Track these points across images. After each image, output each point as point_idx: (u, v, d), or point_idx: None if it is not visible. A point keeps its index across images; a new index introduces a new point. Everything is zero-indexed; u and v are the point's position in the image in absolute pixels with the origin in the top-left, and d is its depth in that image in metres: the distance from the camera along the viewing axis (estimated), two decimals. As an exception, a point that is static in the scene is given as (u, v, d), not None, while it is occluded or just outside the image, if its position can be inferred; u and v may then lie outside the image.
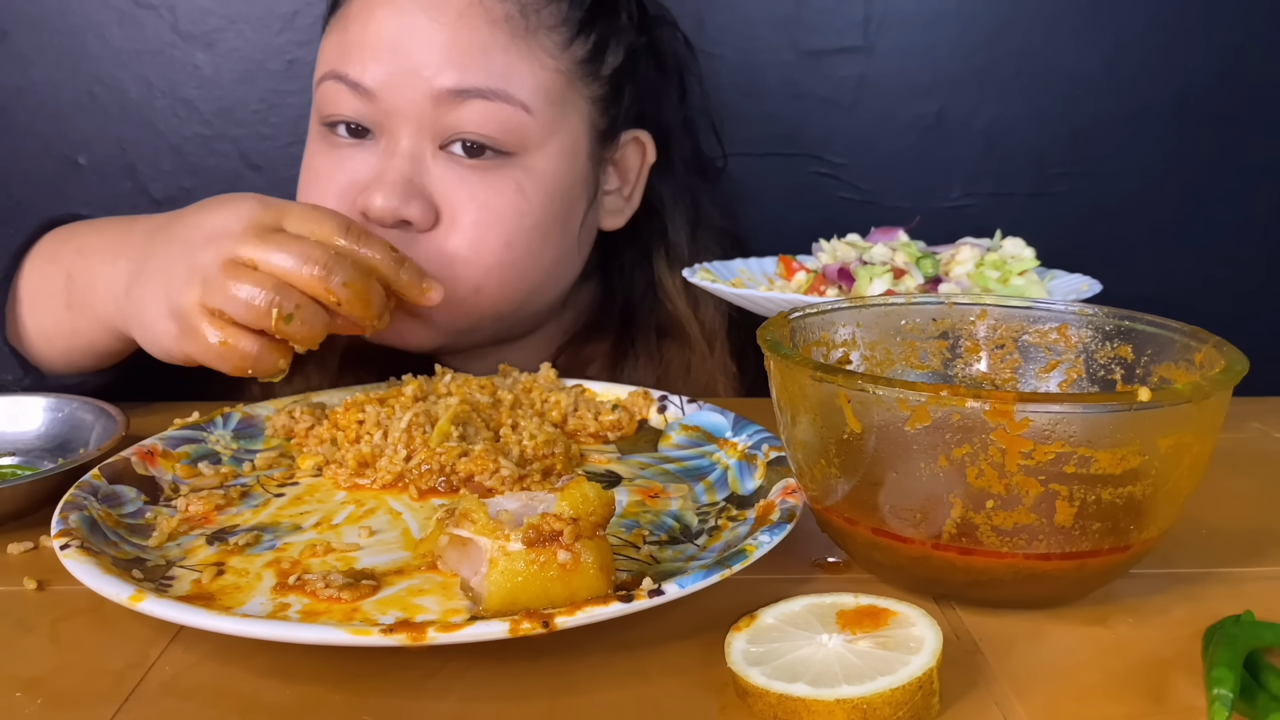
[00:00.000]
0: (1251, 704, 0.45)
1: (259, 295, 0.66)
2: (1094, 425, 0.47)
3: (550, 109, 0.83)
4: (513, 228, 0.83)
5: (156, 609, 0.47)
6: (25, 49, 1.22)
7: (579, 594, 0.48)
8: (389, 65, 0.81)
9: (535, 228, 0.84)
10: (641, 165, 0.95)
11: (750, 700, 0.44)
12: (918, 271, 0.87)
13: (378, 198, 0.80)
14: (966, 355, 0.66)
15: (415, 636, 0.44)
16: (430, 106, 0.80)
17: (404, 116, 0.81)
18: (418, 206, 0.81)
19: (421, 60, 0.80)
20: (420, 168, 0.82)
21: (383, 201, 0.80)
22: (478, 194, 0.82)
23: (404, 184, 0.81)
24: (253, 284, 0.66)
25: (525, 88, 0.82)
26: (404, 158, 0.82)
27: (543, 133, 0.83)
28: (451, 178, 0.82)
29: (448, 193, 0.82)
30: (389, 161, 0.82)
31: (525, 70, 0.82)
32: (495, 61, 0.81)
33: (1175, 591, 0.56)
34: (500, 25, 0.81)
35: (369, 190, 0.81)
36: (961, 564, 0.50)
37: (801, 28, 1.25)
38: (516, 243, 0.83)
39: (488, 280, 0.83)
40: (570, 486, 0.50)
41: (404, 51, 0.80)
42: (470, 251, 0.82)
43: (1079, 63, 1.27)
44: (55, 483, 0.61)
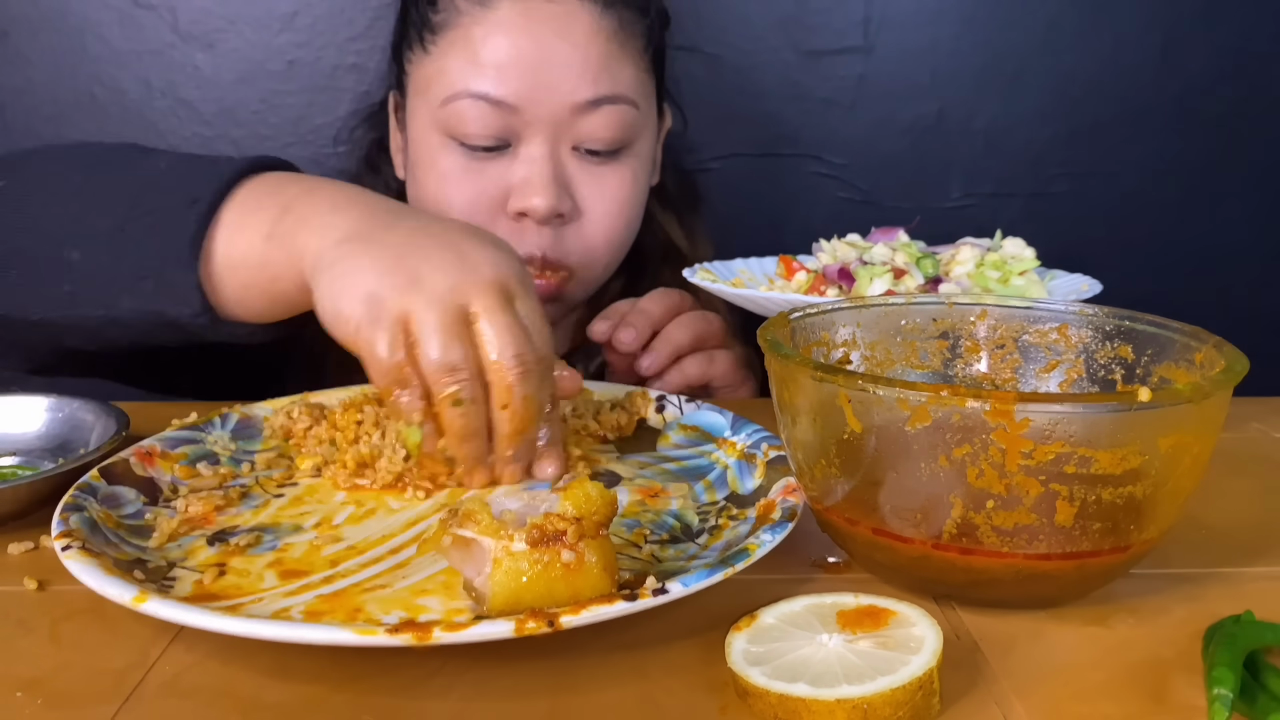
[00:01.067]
0: (1251, 704, 0.45)
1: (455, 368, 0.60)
2: (1094, 425, 0.48)
3: (645, 101, 0.97)
4: (632, 211, 0.98)
5: (160, 610, 0.47)
6: (25, 49, 1.22)
7: (583, 593, 0.48)
8: (530, 82, 0.91)
9: (642, 204, 1.01)
10: (664, 131, 1.08)
11: (750, 700, 0.44)
12: (918, 271, 0.87)
13: (537, 198, 0.91)
14: (967, 355, 0.66)
15: (421, 636, 0.44)
16: (568, 115, 0.92)
17: (543, 125, 0.92)
18: (568, 201, 0.94)
19: (560, 75, 0.91)
20: (560, 167, 0.94)
21: (542, 201, 0.91)
22: (606, 187, 0.95)
23: (555, 183, 0.92)
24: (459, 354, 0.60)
25: (633, 88, 0.95)
26: (546, 160, 0.93)
27: (644, 123, 0.97)
28: (583, 174, 0.95)
29: (581, 187, 0.95)
30: (533, 166, 0.92)
31: (631, 73, 0.94)
32: (614, 71, 0.93)
33: (1175, 591, 0.56)
34: (612, 38, 0.93)
35: (523, 192, 0.92)
36: (962, 564, 0.50)
37: (801, 28, 1.26)
38: (633, 222, 1.00)
39: (614, 257, 0.99)
40: (573, 486, 0.50)
41: (543, 69, 0.90)
42: (605, 237, 0.97)
43: (1079, 63, 1.27)
44: (55, 483, 0.61)
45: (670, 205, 1.11)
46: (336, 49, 1.24)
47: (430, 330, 0.60)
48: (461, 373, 0.60)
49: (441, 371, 0.60)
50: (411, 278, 0.62)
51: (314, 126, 1.25)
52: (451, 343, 0.60)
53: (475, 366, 0.61)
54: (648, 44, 0.97)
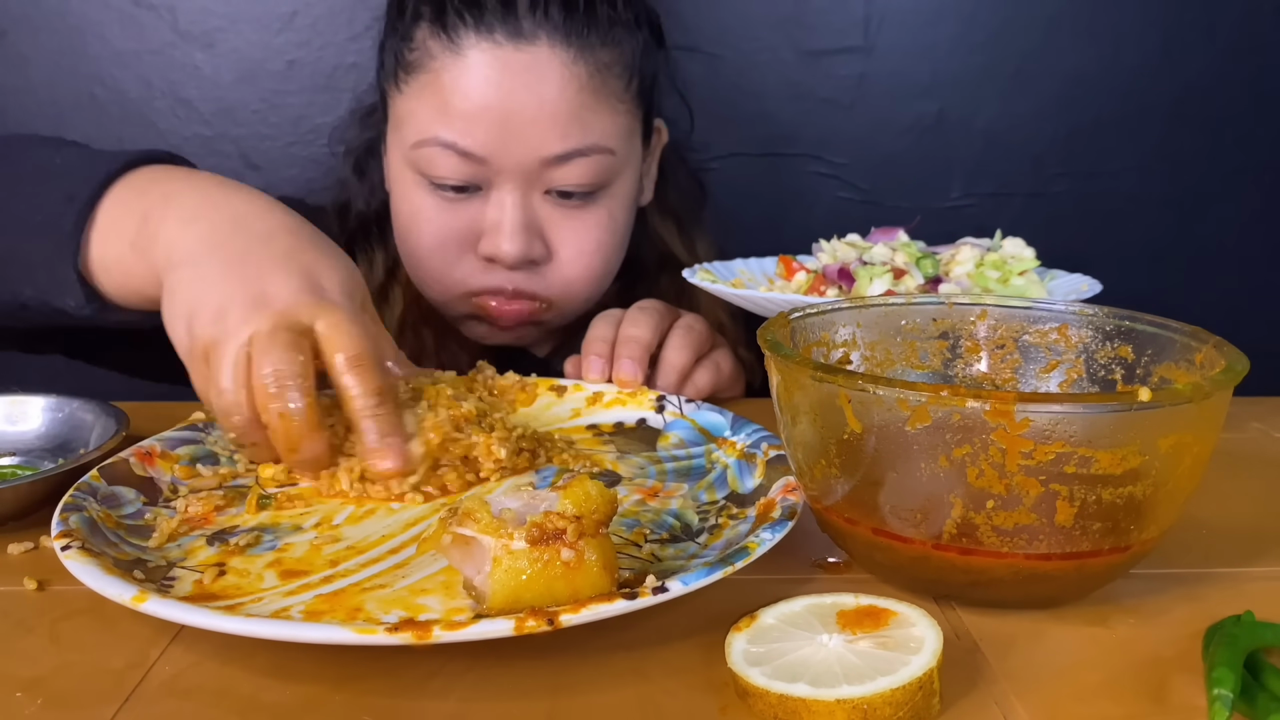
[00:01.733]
0: (1251, 704, 0.45)
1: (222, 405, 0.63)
2: (1094, 425, 0.48)
3: (626, 144, 0.96)
4: (609, 248, 0.98)
5: (160, 609, 0.47)
6: (25, 49, 1.22)
7: (583, 592, 0.48)
8: (498, 135, 0.90)
9: (622, 238, 1.00)
10: (658, 146, 1.06)
11: (750, 700, 0.44)
12: (918, 271, 0.87)
13: (506, 244, 0.92)
14: (967, 355, 0.66)
15: (421, 635, 0.44)
16: (537, 167, 0.91)
17: (511, 174, 0.91)
18: (539, 245, 0.94)
19: (528, 130, 0.89)
20: (531, 212, 0.93)
21: (511, 247, 0.92)
22: (580, 229, 0.95)
23: (524, 229, 0.92)
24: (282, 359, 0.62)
25: (609, 135, 0.93)
26: (516, 207, 0.92)
27: (622, 165, 0.96)
28: (556, 217, 0.94)
29: (554, 230, 0.95)
30: (503, 212, 0.92)
31: (608, 121, 0.93)
32: (587, 121, 0.91)
33: (1175, 591, 0.56)
34: (585, 88, 0.91)
35: (493, 238, 0.93)
36: (962, 564, 0.50)
37: (801, 28, 1.25)
38: (612, 256, 0.99)
39: (595, 290, 0.99)
40: (573, 484, 0.50)
41: (511, 124, 0.89)
42: (582, 275, 0.97)
43: (1079, 63, 1.27)
44: (55, 483, 0.61)
45: (670, 213, 1.10)
46: (336, 49, 1.24)
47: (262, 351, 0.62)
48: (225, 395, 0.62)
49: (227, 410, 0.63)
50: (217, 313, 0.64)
51: (314, 126, 1.25)
52: (276, 351, 0.61)
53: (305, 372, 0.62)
54: (631, 79, 0.95)
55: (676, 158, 1.12)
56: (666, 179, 1.09)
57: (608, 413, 0.78)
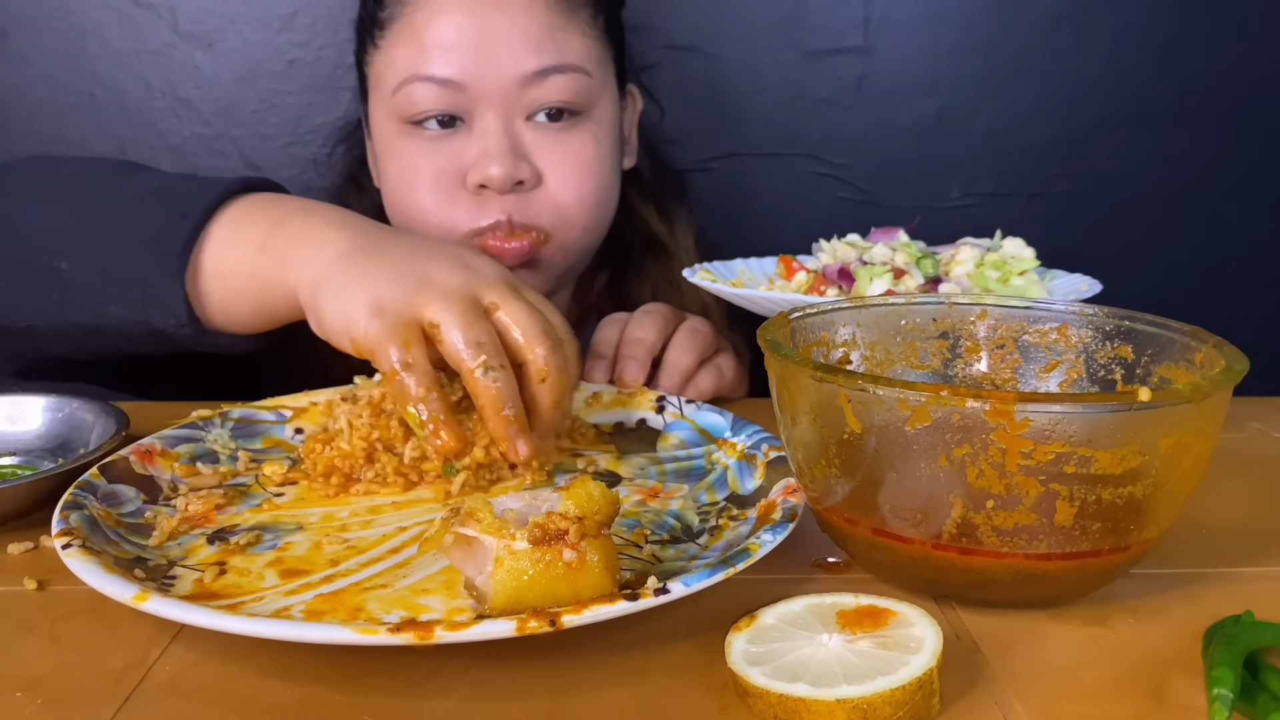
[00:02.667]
0: (1251, 704, 0.45)
1: (481, 340, 0.64)
2: (1094, 425, 0.48)
3: (600, 70, 0.97)
4: (599, 171, 0.97)
5: (161, 609, 0.47)
6: (25, 49, 1.22)
7: (584, 593, 0.48)
8: (474, 59, 0.91)
9: (612, 168, 1.00)
10: (634, 113, 1.08)
11: (750, 700, 0.44)
12: (918, 271, 0.87)
13: (493, 167, 0.91)
14: (966, 355, 0.66)
15: (423, 635, 0.44)
16: (516, 88, 0.92)
17: (492, 100, 0.92)
18: (526, 168, 0.93)
19: (503, 50, 0.91)
20: (515, 137, 0.93)
21: (498, 169, 0.91)
22: (568, 150, 0.95)
23: (510, 152, 0.92)
24: (485, 330, 0.65)
25: (582, 56, 0.95)
26: (500, 132, 0.93)
27: (600, 90, 0.97)
28: (542, 140, 0.94)
29: (542, 154, 0.94)
30: (487, 139, 0.92)
31: (579, 42, 0.94)
32: (559, 40, 0.93)
33: (1175, 591, 0.56)
34: (554, 8, 0.93)
35: (480, 164, 0.92)
36: (961, 564, 0.50)
37: (801, 28, 1.25)
38: (603, 182, 0.98)
39: (590, 218, 0.97)
40: (575, 485, 0.50)
41: (485, 46, 0.91)
42: (575, 197, 0.95)
43: (1079, 63, 1.27)
44: (55, 483, 0.61)
45: (649, 195, 1.11)
46: (336, 49, 1.24)
47: (451, 317, 0.64)
48: (488, 346, 0.64)
49: (468, 347, 0.64)
50: (421, 281, 0.66)
51: (314, 126, 1.25)
52: (475, 322, 0.65)
53: (498, 339, 0.65)
54: (596, 13, 0.97)
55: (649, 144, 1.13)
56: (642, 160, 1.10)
57: (608, 413, 0.78)
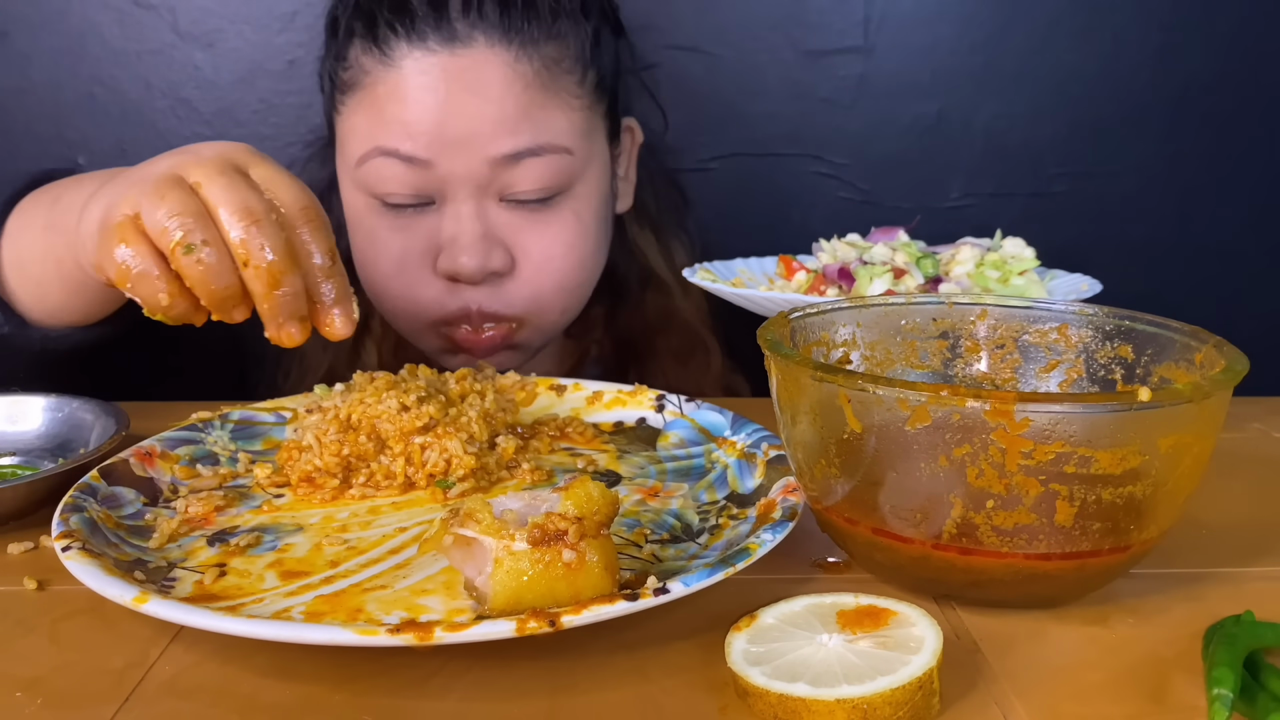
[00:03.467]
0: (1251, 704, 0.45)
1: (175, 213, 0.57)
2: (1094, 425, 0.48)
3: (584, 142, 0.90)
4: (580, 251, 0.92)
5: (161, 610, 0.47)
6: (25, 49, 1.22)
7: (584, 593, 0.48)
8: (440, 138, 0.85)
9: (595, 243, 0.94)
10: (633, 147, 1.01)
11: (750, 700, 0.44)
12: (918, 271, 0.87)
13: (464, 259, 0.87)
14: (966, 355, 0.66)
15: (422, 636, 0.44)
16: (488, 170, 0.86)
17: (462, 181, 0.87)
18: (499, 256, 0.88)
19: (473, 132, 0.85)
20: (488, 222, 0.88)
21: (469, 261, 0.87)
22: (545, 233, 0.90)
23: (482, 240, 0.88)
24: (177, 201, 0.58)
25: (564, 134, 0.88)
26: (472, 217, 0.88)
27: (583, 164, 0.91)
28: (518, 223, 0.89)
29: (517, 237, 0.89)
30: (459, 223, 0.88)
31: (561, 118, 0.88)
32: (537, 119, 0.86)
33: (1175, 591, 0.56)
34: (533, 85, 0.86)
35: (451, 253, 0.88)
36: (961, 564, 0.50)
37: (801, 28, 1.25)
38: (585, 262, 0.93)
39: (570, 300, 0.94)
40: (574, 485, 0.50)
41: (453, 126, 0.85)
42: (552, 284, 0.91)
43: (1079, 63, 1.27)
44: (55, 483, 0.61)
45: (649, 222, 1.06)
46: (336, 49, 1.23)
47: (149, 199, 0.58)
48: (185, 218, 0.57)
49: (165, 222, 0.57)
50: (131, 183, 0.60)
51: (314, 126, 1.24)
52: (167, 195, 0.58)
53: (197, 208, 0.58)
54: (585, 73, 0.90)
55: (654, 163, 1.08)
56: (643, 185, 1.05)
57: (608, 412, 0.78)
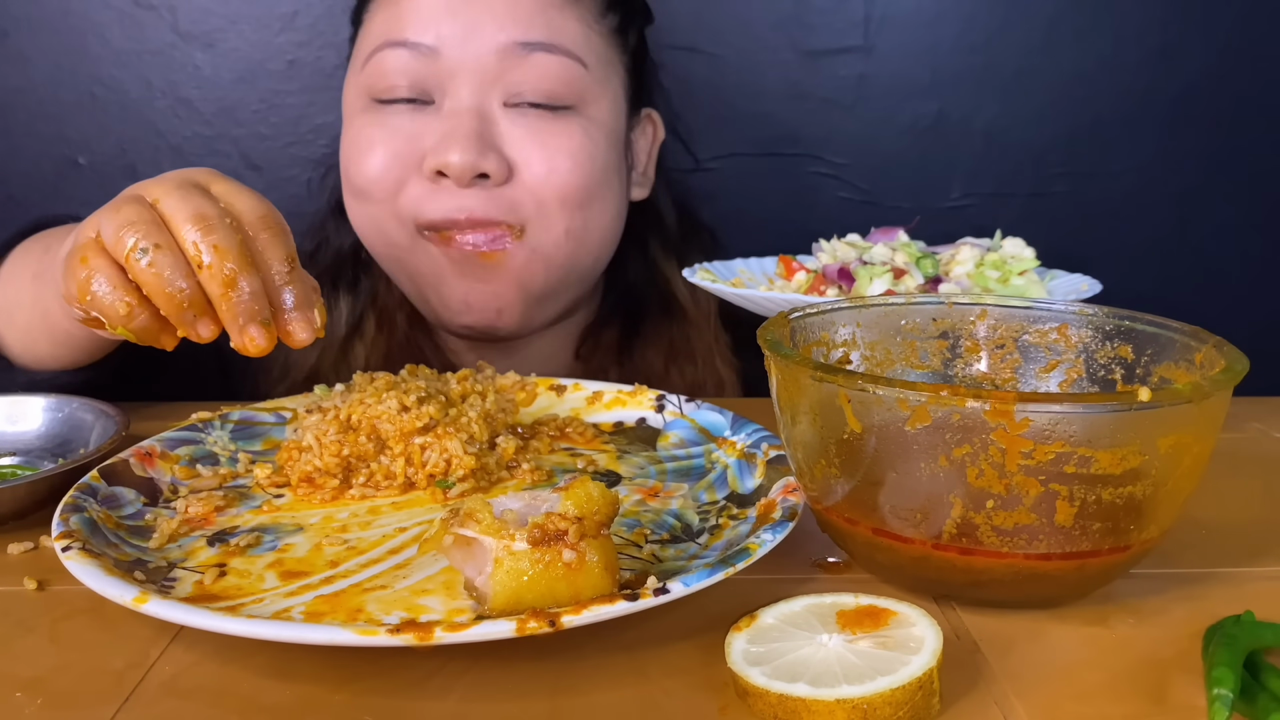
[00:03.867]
0: (1251, 704, 0.45)
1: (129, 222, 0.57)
2: (1094, 425, 0.47)
3: (600, 66, 0.87)
4: (586, 167, 0.86)
5: (162, 611, 0.47)
6: (25, 49, 1.22)
7: (584, 593, 0.48)
8: (452, 25, 0.83)
9: (603, 170, 0.88)
10: (653, 143, 0.99)
11: (750, 700, 0.44)
12: (918, 271, 0.87)
13: (453, 153, 0.81)
14: (966, 355, 0.66)
15: (422, 636, 0.44)
16: (495, 61, 0.83)
17: (468, 73, 0.83)
18: (493, 159, 0.83)
19: (484, 17, 0.83)
20: (488, 124, 0.84)
21: (459, 156, 0.81)
22: (549, 140, 0.84)
23: (476, 137, 0.82)
24: (132, 212, 0.57)
25: (578, 43, 0.85)
26: (471, 114, 0.83)
27: (596, 87, 0.87)
28: (520, 130, 0.84)
29: (519, 144, 0.84)
30: (456, 120, 0.83)
31: (576, 28, 0.85)
32: (552, 18, 0.84)
33: (1175, 591, 0.56)
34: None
35: (440, 148, 0.82)
36: (961, 564, 0.50)
37: (801, 28, 1.25)
38: (591, 182, 0.87)
39: (574, 220, 0.87)
40: (574, 485, 0.50)
41: (469, 13, 0.83)
42: (554, 191, 0.85)
43: (1079, 63, 1.27)
44: (55, 483, 0.61)
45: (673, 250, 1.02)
46: (336, 49, 1.23)
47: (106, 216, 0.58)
48: (138, 226, 0.56)
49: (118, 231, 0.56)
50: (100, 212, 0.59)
51: (314, 126, 1.25)
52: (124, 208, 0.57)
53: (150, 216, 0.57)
54: (608, 8, 0.89)
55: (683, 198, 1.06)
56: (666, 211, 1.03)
57: (607, 413, 0.78)
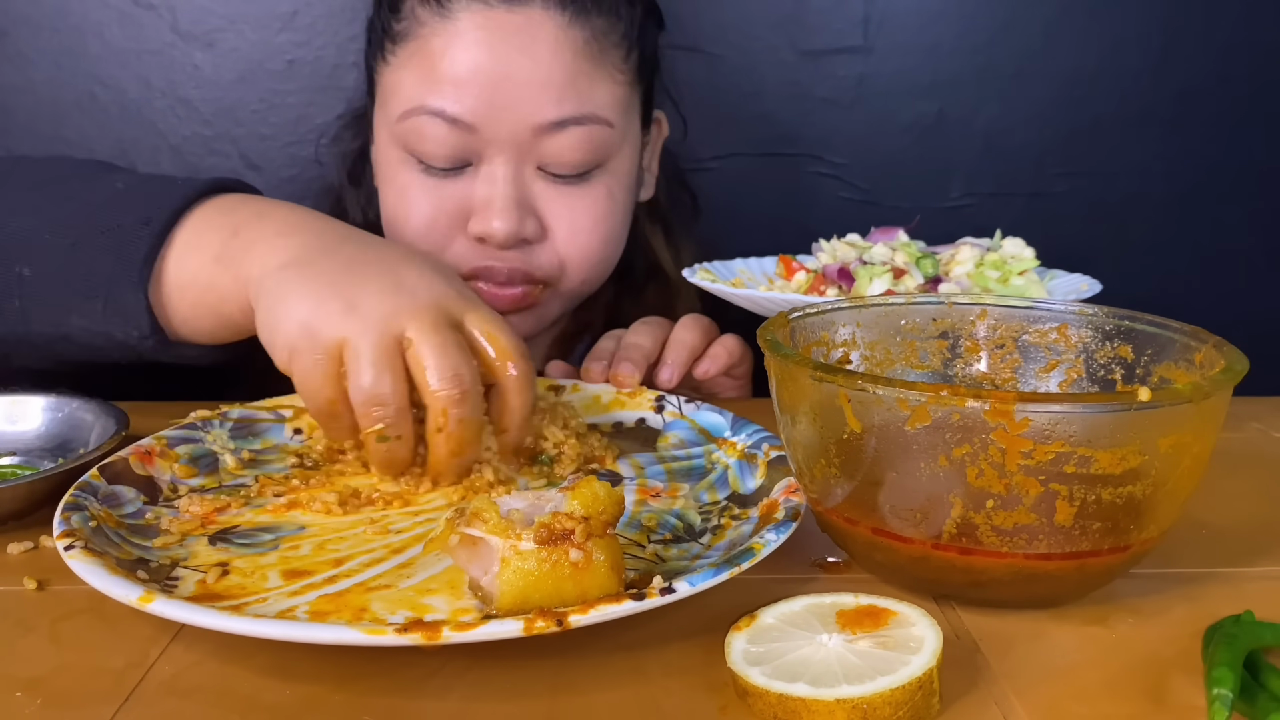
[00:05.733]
0: (1251, 704, 0.45)
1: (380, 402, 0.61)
2: (1094, 425, 0.48)
3: (623, 118, 0.92)
4: (608, 227, 0.93)
5: (166, 610, 0.47)
6: (25, 49, 1.22)
7: (590, 593, 0.48)
8: (489, 100, 0.86)
9: (622, 221, 0.96)
10: (659, 139, 1.03)
11: (750, 700, 0.44)
12: (918, 271, 0.87)
13: (497, 222, 0.87)
14: (966, 355, 0.66)
15: (430, 635, 0.44)
16: (531, 136, 0.87)
17: (503, 145, 0.87)
18: (531, 223, 0.89)
19: (521, 95, 0.86)
20: (523, 189, 0.89)
21: (502, 225, 0.87)
22: (578, 205, 0.91)
23: (516, 206, 0.88)
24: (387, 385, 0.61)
25: (607, 106, 0.89)
26: (508, 182, 0.88)
27: (620, 140, 0.92)
28: (551, 193, 0.90)
29: (550, 207, 0.90)
30: (494, 187, 0.88)
31: (605, 90, 0.89)
32: (583, 89, 0.87)
33: (1175, 591, 0.56)
34: (581, 53, 0.87)
35: (483, 216, 0.88)
36: (961, 564, 0.50)
37: (801, 28, 1.25)
38: (611, 238, 0.94)
39: (592, 274, 0.95)
40: (580, 485, 0.50)
41: (503, 88, 0.86)
42: (579, 255, 0.92)
43: (1079, 63, 1.27)
44: (55, 483, 0.61)
45: (659, 221, 1.07)
46: (336, 48, 1.24)
47: (362, 361, 0.61)
48: (389, 407, 0.61)
49: (369, 404, 0.61)
50: (347, 305, 0.62)
51: (314, 126, 1.25)
52: (381, 375, 0.61)
53: (403, 400, 0.62)
54: (629, 52, 0.91)
55: (670, 165, 1.10)
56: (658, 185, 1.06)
57: (607, 414, 0.78)
